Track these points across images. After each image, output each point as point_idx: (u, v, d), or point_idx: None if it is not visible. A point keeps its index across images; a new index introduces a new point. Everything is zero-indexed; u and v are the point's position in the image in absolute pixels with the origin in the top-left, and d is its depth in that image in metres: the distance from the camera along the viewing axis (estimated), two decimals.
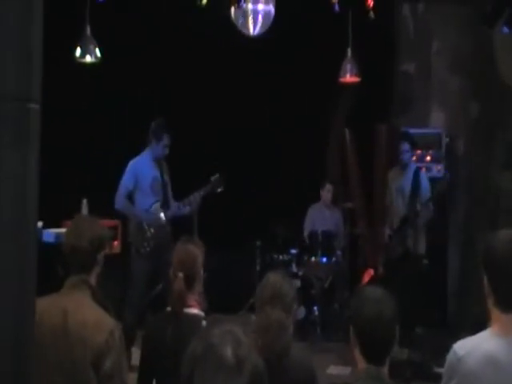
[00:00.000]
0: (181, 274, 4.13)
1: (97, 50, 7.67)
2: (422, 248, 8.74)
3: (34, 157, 2.43)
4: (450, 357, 2.94)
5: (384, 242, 8.95)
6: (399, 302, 2.96)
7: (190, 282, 4.16)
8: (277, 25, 7.95)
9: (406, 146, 8.70)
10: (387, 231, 8.91)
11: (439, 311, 9.47)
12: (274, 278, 3.88)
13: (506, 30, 7.37)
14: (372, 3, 7.47)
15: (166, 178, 8.07)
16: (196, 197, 7.99)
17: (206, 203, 8.09)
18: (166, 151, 7.95)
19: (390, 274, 8.63)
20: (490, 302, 2.91)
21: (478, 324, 2.99)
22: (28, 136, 2.40)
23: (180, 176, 8.20)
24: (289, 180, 10.17)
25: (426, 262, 8.92)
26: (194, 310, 4.17)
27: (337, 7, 7.11)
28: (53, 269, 5.44)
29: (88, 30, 7.55)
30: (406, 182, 8.72)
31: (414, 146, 8.93)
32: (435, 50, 9.95)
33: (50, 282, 3.52)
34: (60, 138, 8.53)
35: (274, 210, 9.90)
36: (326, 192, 10.09)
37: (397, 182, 8.84)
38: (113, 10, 7.62)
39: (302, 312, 9.04)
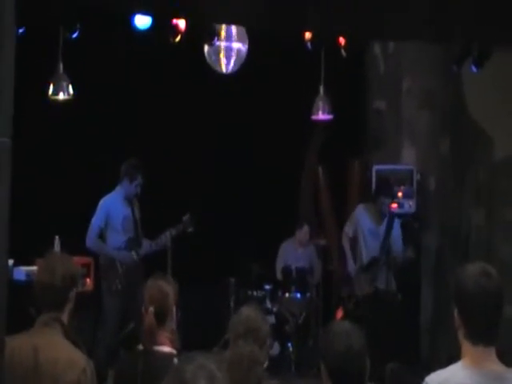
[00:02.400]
0: (151, 309, 4.11)
1: (70, 87, 7.67)
2: (393, 285, 8.82)
3: (5, 192, 2.42)
4: None
5: (350, 278, 8.98)
6: (372, 339, 2.96)
7: (161, 318, 4.13)
8: (250, 62, 8.02)
9: (387, 200, 8.79)
10: (351, 265, 8.94)
11: (412, 347, 9.46)
12: (247, 312, 3.89)
13: (474, 69, 7.48)
14: (344, 42, 7.55)
15: (137, 215, 8.06)
16: (167, 236, 8.00)
17: (179, 240, 8.09)
18: (138, 190, 7.96)
19: (363, 310, 8.64)
20: (461, 335, 2.94)
21: (452, 359, 3.01)
22: None
23: (152, 214, 8.20)
24: (262, 216, 10.17)
25: (399, 297, 8.97)
26: (166, 348, 4.14)
27: (309, 45, 7.18)
28: (23, 307, 5.39)
29: (61, 67, 7.55)
30: (382, 228, 8.81)
31: (394, 196, 9.07)
32: (406, 87, 10.07)
33: (20, 321, 3.49)
34: (32, 174, 8.51)
35: (247, 246, 9.89)
36: (304, 233, 10.06)
37: (370, 224, 8.89)
38: (86, 47, 7.64)
39: (276, 348, 9.01)
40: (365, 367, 2.89)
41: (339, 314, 9.47)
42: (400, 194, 9.66)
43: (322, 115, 8.97)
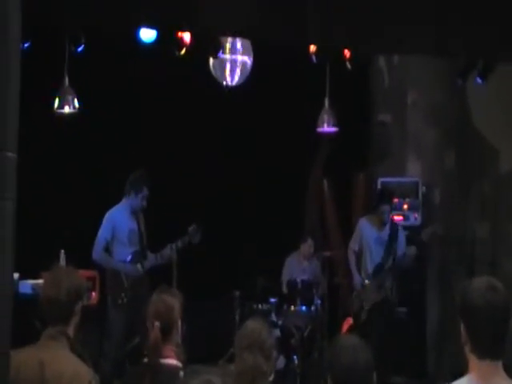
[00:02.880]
0: (157, 324, 4.10)
1: (75, 101, 7.69)
2: (394, 295, 8.81)
3: (11, 205, 2.42)
4: None
5: (357, 289, 8.95)
6: (378, 352, 2.95)
7: (166, 332, 4.13)
8: (254, 75, 8.04)
9: (386, 208, 8.79)
10: (358, 278, 8.91)
11: (418, 361, 9.43)
12: (252, 324, 3.89)
13: (479, 81, 7.48)
14: (349, 55, 7.57)
15: (143, 229, 8.06)
16: (173, 248, 7.98)
17: (185, 253, 8.08)
18: (144, 203, 7.96)
19: (366, 322, 8.63)
20: (467, 349, 2.91)
21: (458, 374, 2.99)
22: (5, 184, 2.40)
23: (157, 226, 8.19)
24: (267, 229, 10.17)
25: (403, 309, 8.95)
26: (172, 361, 4.13)
27: (314, 58, 7.19)
28: (29, 320, 5.39)
29: (66, 81, 7.58)
30: (385, 234, 8.82)
31: (393, 205, 9.05)
32: (411, 100, 10.07)
33: (26, 334, 3.49)
34: (38, 188, 8.52)
35: (252, 259, 9.88)
36: (308, 247, 10.08)
37: (375, 233, 8.88)
38: (91, 60, 7.66)
39: (281, 362, 8.98)
40: (371, 382, 2.88)
41: (345, 327, 9.44)
42: (406, 207, 9.66)
43: (327, 128, 8.99)
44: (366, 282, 8.82)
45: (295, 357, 9.17)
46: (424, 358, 9.60)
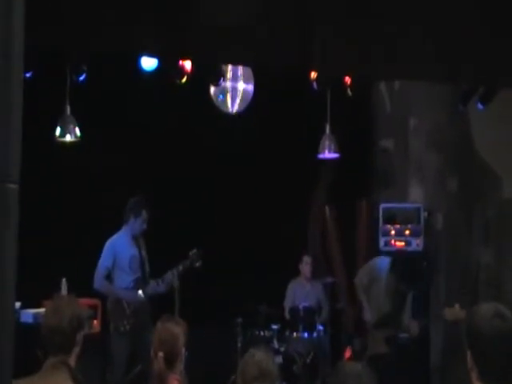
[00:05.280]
0: (161, 354, 4.08)
1: (77, 130, 7.70)
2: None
3: (13, 236, 2.41)
4: None
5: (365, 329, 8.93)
6: (381, 380, 2.93)
7: (170, 361, 4.11)
8: (256, 102, 8.05)
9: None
10: (369, 315, 8.84)
11: None
12: (259, 355, 3.86)
13: (480, 106, 7.49)
14: (350, 81, 7.59)
15: (144, 254, 8.06)
16: (174, 273, 7.97)
17: (186, 281, 8.06)
18: (145, 226, 7.97)
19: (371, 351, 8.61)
20: (474, 376, 2.90)
21: None
22: (7, 216, 2.39)
23: (158, 253, 8.18)
24: (269, 255, 10.14)
25: (406, 335, 8.93)
26: None
27: (315, 85, 7.21)
28: (31, 350, 5.36)
29: (68, 110, 7.60)
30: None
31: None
32: (412, 125, 10.08)
33: (28, 364, 3.46)
34: (39, 217, 8.51)
35: (254, 286, 9.85)
36: (305, 265, 10.08)
37: (389, 283, 8.82)
38: (93, 89, 7.68)
39: None
40: None
41: (348, 353, 9.40)
42: (407, 232, 9.63)
43: (328, 154, 8.98)
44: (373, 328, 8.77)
45: None
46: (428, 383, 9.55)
